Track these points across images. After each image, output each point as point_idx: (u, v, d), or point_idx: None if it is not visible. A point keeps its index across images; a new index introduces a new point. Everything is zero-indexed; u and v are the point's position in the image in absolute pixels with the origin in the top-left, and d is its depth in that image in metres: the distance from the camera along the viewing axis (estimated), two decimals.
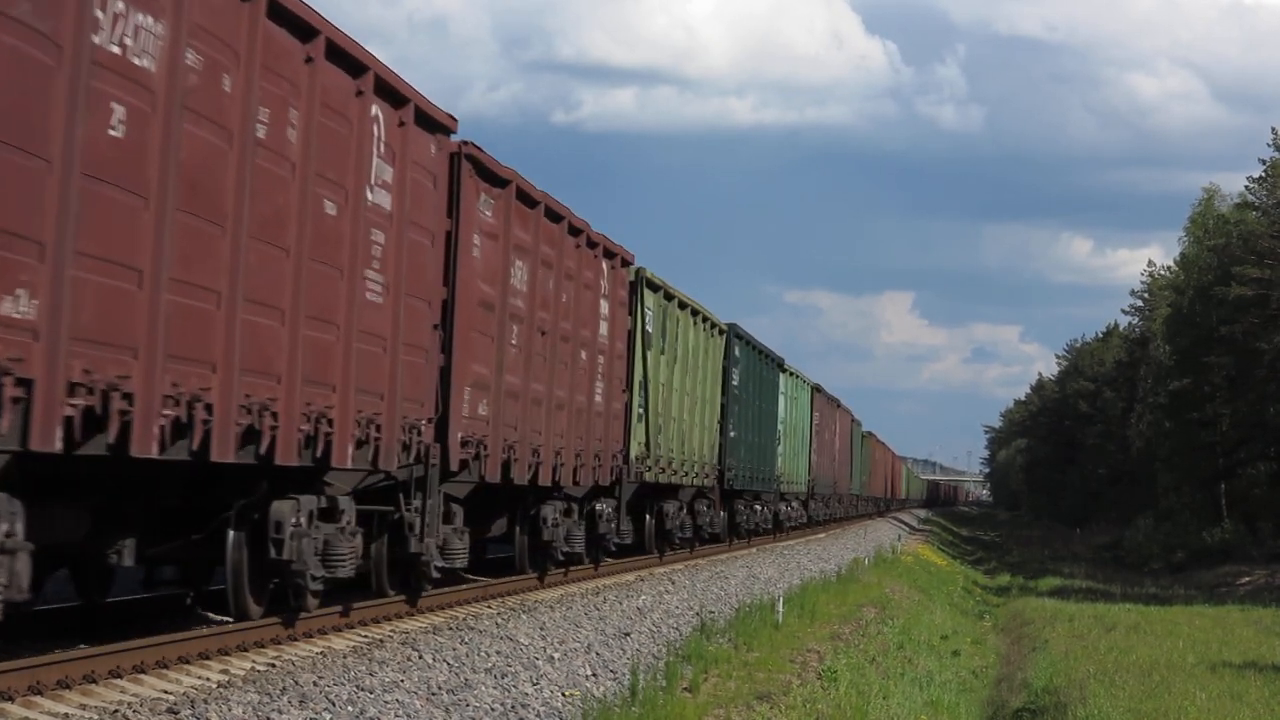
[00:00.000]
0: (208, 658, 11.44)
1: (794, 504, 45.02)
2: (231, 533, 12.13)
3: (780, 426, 40.36)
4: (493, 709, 11.65)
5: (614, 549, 23.20)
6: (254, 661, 11.69)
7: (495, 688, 12.41)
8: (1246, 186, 56.80)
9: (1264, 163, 55.33)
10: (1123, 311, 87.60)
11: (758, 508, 37.59)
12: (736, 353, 32.69)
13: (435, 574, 15.39)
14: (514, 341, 17.04)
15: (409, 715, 10.81)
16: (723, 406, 31.22)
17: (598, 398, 20.69)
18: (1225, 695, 18.63)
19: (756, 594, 24.08)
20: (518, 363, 17.23)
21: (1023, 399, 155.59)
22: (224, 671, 11.13)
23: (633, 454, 23.14)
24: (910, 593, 32.67)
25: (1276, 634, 26.77)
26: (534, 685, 12.88)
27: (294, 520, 12.18)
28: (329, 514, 12.83)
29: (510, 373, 16.92)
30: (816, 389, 49.22)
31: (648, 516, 26.62)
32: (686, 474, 27.39)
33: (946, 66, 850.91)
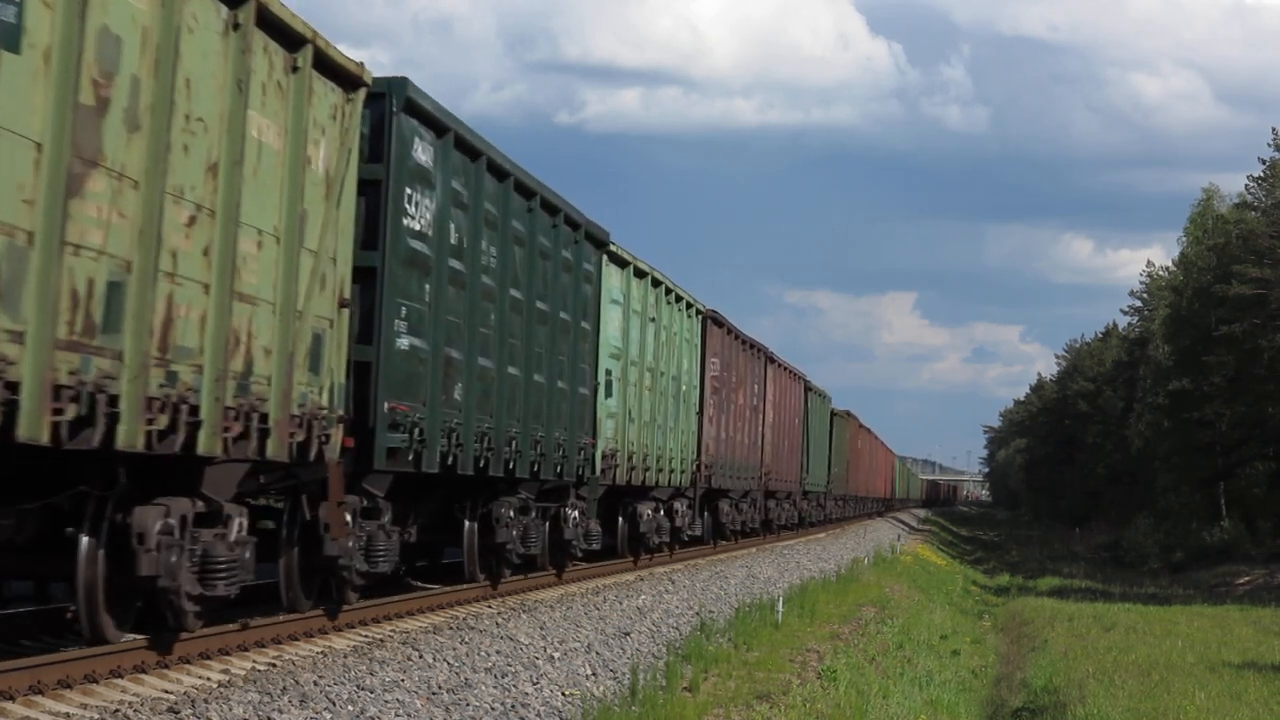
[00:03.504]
0: (208, 657, 11.47)
1: (679, 506, 27.75)
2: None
3: (612, 363, 22.25)
4: (493, 708, 11.67)
5: None
6: (254, 661, 11.71)
7: (495, 687, 12.43)
8: (1246, 187, 56.99)
9: (1264, 162, 55.44)
10: (1121, 312, 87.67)
11: (573, 514, 20.14)
12: (422, 157, 14.37)
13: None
14: None
15: (409, 715, 10.83)
16: (385, 278, 13.70)
17: None
18: (1224, 695, 18.67)
19: (756, 594, 24.09)
20: None
21: (1022, 399, 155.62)
22: (225, 671, 11.15)
23: None
24: (910, 592, 32.68)
25: (1275, 633, 26.81)
26: (534, 685, 12.89)
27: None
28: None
29: None
30: (714, 319, 30.16)
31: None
32: (165, 429, 9.90)
33: (952, 67, 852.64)
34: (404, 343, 14.07)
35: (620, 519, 24.71)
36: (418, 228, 14.30)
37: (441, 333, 14.90)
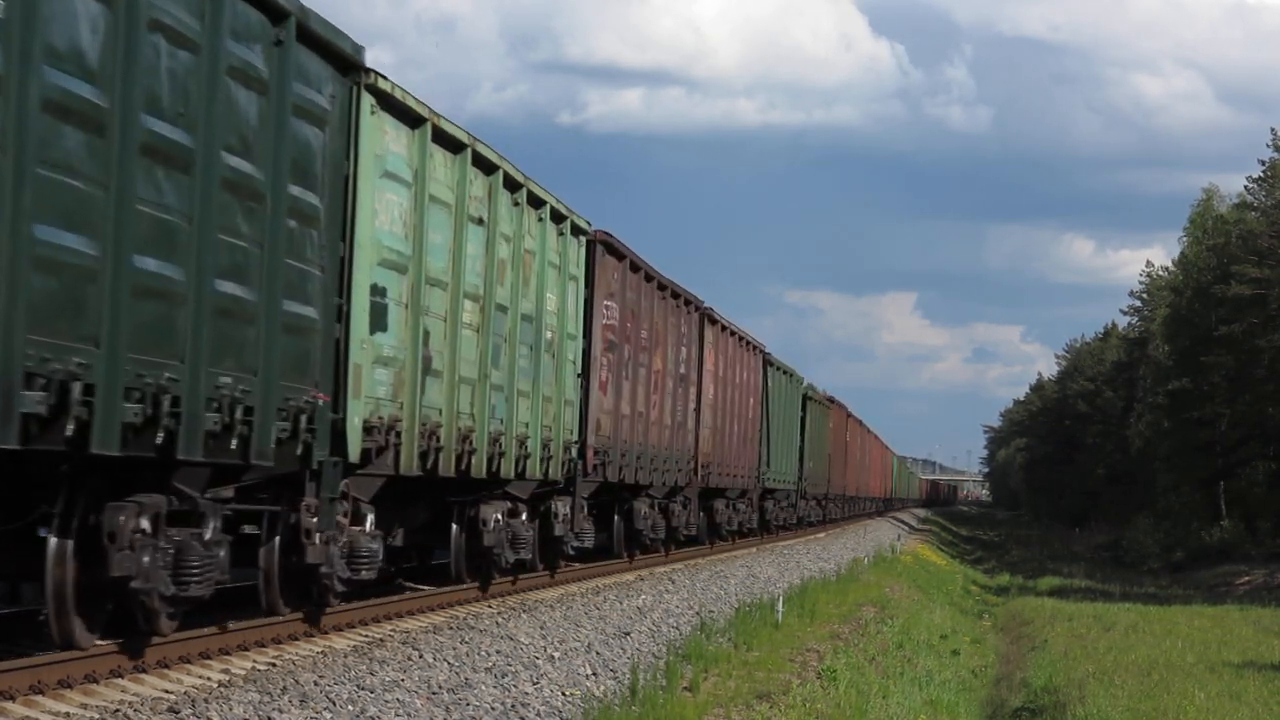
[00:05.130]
0: (209, 657, 11.47)
1: (560, 508, 19.92)
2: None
3: (386, 276, 13.46)
4: (493, 708, 11.67)
5: None
6: (254, 661, 11.71)
7: (495, 687, 12.43)
8: (1246, 187, 57.03)
9: (1263, 163, 55.47)
10: (1121, 312, 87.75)
11: (312, 523, 12.43)
12: None
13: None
14: None
15: (409, 714, 10.83)
16: None
17: None
18: (1224, 695, 18.69)
19: (756, 593, 24.10)
20: None
21: (1022, 399, 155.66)
22: (225, 671, 11.16)
23: None
24: (910, 592, 32.69)
25: (1275, 633, 26.82)
26: (534, 684, 12.90)
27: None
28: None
29: None
30: (607, 246, 21.47)
31: None
32: None
33: (955, 68, 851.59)
34: None
35: (454, 528, 17.07)
36: None
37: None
